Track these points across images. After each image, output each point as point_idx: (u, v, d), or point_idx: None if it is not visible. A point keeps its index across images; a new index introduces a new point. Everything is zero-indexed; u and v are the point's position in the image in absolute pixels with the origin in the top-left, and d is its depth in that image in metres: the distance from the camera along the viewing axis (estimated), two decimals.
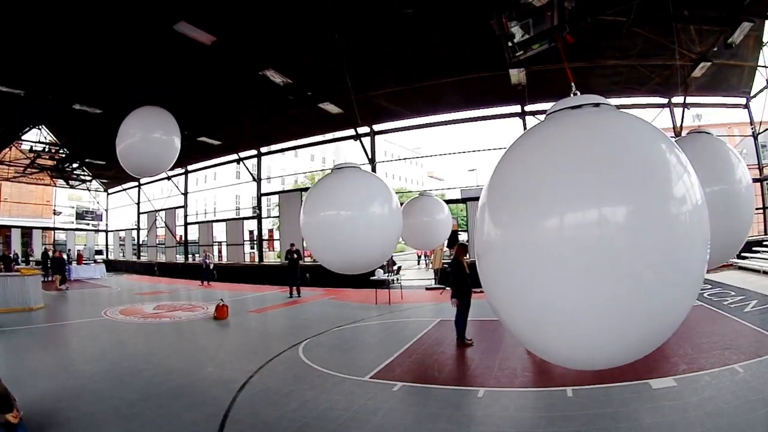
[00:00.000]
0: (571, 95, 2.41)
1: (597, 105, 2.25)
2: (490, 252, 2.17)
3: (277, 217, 23.27)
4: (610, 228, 1.84)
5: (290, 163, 42.34)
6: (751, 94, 16.09)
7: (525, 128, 16.04)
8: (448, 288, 14.10)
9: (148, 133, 5.69)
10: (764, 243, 16.07)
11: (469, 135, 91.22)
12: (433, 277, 16.71)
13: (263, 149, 21.31)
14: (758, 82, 15.40)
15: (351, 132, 18.25)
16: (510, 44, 8.27)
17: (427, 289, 15.32)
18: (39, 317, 11.13)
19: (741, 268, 14.94)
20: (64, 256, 21.19)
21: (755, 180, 17.44)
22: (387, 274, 13.98)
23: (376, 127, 18.24)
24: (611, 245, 1.83)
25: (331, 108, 14.58)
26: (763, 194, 17.56)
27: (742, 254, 15.64)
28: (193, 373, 6.35)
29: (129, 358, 7.16)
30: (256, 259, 22.83)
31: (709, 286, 12.00)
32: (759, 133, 16.68)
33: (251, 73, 11.95)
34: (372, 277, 13.20)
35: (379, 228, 4.22)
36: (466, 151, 39.13)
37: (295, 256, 14.81)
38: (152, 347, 7.94)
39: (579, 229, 1.84)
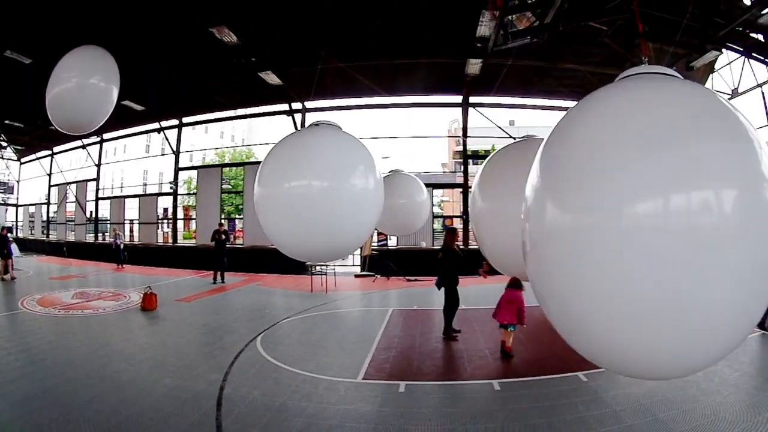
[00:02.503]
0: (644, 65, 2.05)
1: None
2: (551, 240, 1.81)
3: (192, 194, 21.41)
4: (718, 216, 1.50)
5: (200, 139, 39.54)
6: None
7: (466, 120, 16.29)
8: (378, 276, 13.97)
9: (85, 77, 4.76)
10: None
11: (390, 120, 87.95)
12: (360, 264, 16.02)
13: (185, 119, 19.27)
14: None
15: (283, 107, 16.98)
16: (501, 33, 8.07)
17: (356, 276, 14.73)
18: None
19: None
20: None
21: None
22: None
23: (311, 104, 16.95)
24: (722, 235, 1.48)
25: (272, 78, 13.51)
26: None
27: None
28: (149, 391, 4.81)
29: (61, 374, 5.25)
30: (170, 240, 20.83)
31: None
32: None
33: (200, 27, 10.58)
34: (309, 263, 12.43)
35: (364, 204, 3.49)
36: (395, 137, 38.08)
37: (223, 237, 13.55)
38: (85, 352, 6.14)
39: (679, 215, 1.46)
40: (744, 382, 5.04)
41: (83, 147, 22.27)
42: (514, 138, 8.27)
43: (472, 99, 15.96)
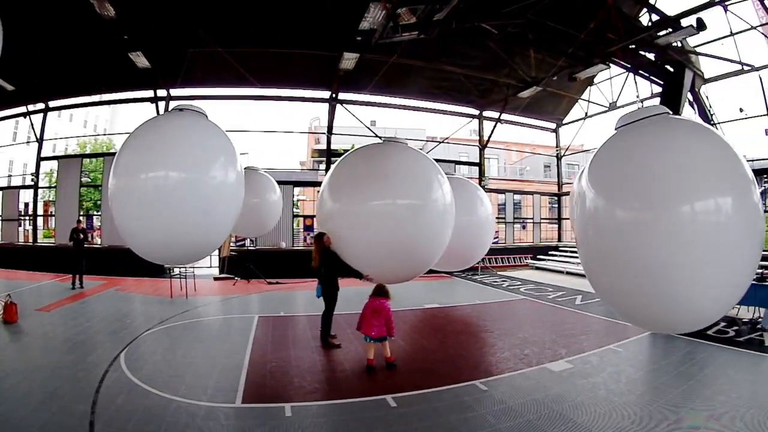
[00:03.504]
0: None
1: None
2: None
3: (53, 187, 18.70)
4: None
5: (64, 127, 35.30)
6: (563, 122, 18.82)
7: (332, 117, 15.80)
8: (238, 278, 13.17)
9: None
10: (559, 248, 19.00)
11: (250, 114, 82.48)
12: (219, 265, 14.97)
13: (52, 104, 16.74)
14: (574, 113, 18.09)
15: (149, 93, 15.31)
16: (391, 24, 7.72)
17: (215, 279, 13.73)
18: None
19: (537, 268, 17.36)
20: None
21: (556, 194, 20.51)
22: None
23: (177, 92, 15.08)
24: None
25: (141, 61, 12.04)
26: (560, 208, 20.78)
27: (538, 256, 18.26)
28: None
29: None
30: (30, 239, 17.89)
31: (519, 283, 13.53)
32: (562, 156, 19.64)
33: None
34: (167, 265, 11.32)
35: (226, 199, 3.16)
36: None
37: (81, 236, 11.66)
38: None
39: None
40: (651, 379, 5.28)
41: None
42: (381, 138, 8.25)
43: (342, 96, 15.62)
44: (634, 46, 9.13)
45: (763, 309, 6.83)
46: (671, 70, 9.24)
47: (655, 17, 8.45)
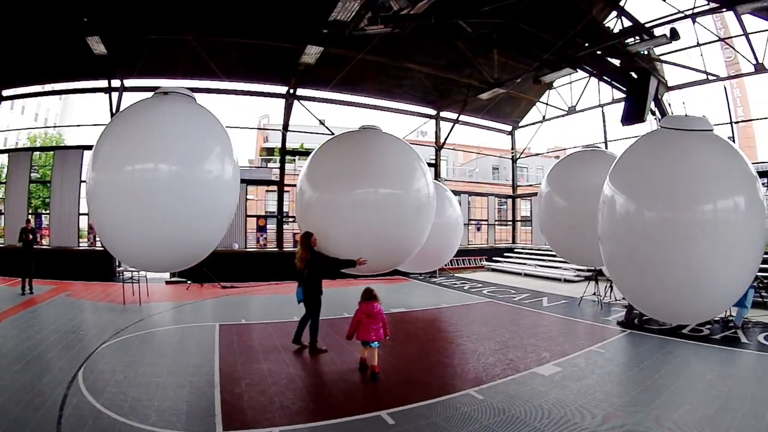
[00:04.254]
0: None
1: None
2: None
3: (2, 183, 16.78)
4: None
5: (16, 120, 32.98)
6: (519, 124, 19.16)
7: (289, 114, 14.98)
8: (191, 282, 12.42)
9: None
10: (513, 250, 19.35)
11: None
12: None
13: (6, 92, 14.80)
14: (531, 116, 18.37)
15: (102, 83, 13.87)
16: (369, 14, 7.35)
17: (167, 282, 12.85)
18: None
19: (493, 270, 17.57)
20: None
21: (510, 196, 20.91)
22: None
23: (133, 83, 13.92)
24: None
25: (99, 47, 11.00)
26: (514, 210, 21.21)
27: (494, 258, 18.50)
28: None
29: None
30: None
31: (480, 285, 13.53)
32: (517, 158, 20.05)
33: None
34: (120, 268, 10.52)
35: (224, 196, 2.78)
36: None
37: (31, 237, 10.45)
38: None
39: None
40: (643, 378, 5.19)
41: None
42: (333, 133, 7.99)
43: (299, 92, 14.96)
44: (601, 53, 9.33)
45: (735, 308, 7.09)
46: (635, 76, 9.52)
47: (627, 23, 8.64)
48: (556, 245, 7.46)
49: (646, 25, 8.48)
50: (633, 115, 9.53)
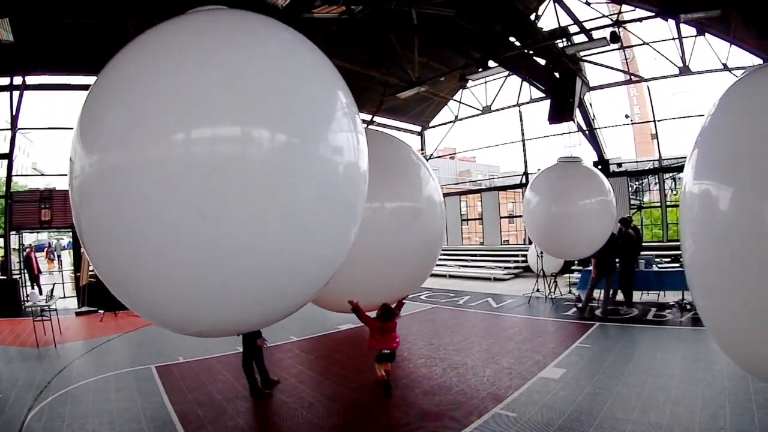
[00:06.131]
0: None
1: None
2: None
3: None
4: None
5: None
6: (430, 125, 19.24)
7: None
8: (104, 312, 10.44)
9: None
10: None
11: None
12: (77, 295, 11.69)
13: None
14: (442, 116, 18.43)
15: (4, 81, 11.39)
16: None
17: (77, 314, 10.60)
18: None
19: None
20: None
21: None
22: (44, 299, 8.77)
23: (38, 80, 11.82)
24: None
25: (6, 34, 8.58)
26: None
27: None
28: None
29: None
30: None
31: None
32: (429, 158, 20.22)
33: None
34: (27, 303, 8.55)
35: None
36: None
37: None
38: None
39: None
40: (650, 365, 5.11)
41: None
42: None
43: None
44: (531, 52, 9.54)
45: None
46: (558, 76, 9.96)
47: (566, 20, 8.95)
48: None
49: (591, 27, 8.84)
50: (560, 114, 9.94)
